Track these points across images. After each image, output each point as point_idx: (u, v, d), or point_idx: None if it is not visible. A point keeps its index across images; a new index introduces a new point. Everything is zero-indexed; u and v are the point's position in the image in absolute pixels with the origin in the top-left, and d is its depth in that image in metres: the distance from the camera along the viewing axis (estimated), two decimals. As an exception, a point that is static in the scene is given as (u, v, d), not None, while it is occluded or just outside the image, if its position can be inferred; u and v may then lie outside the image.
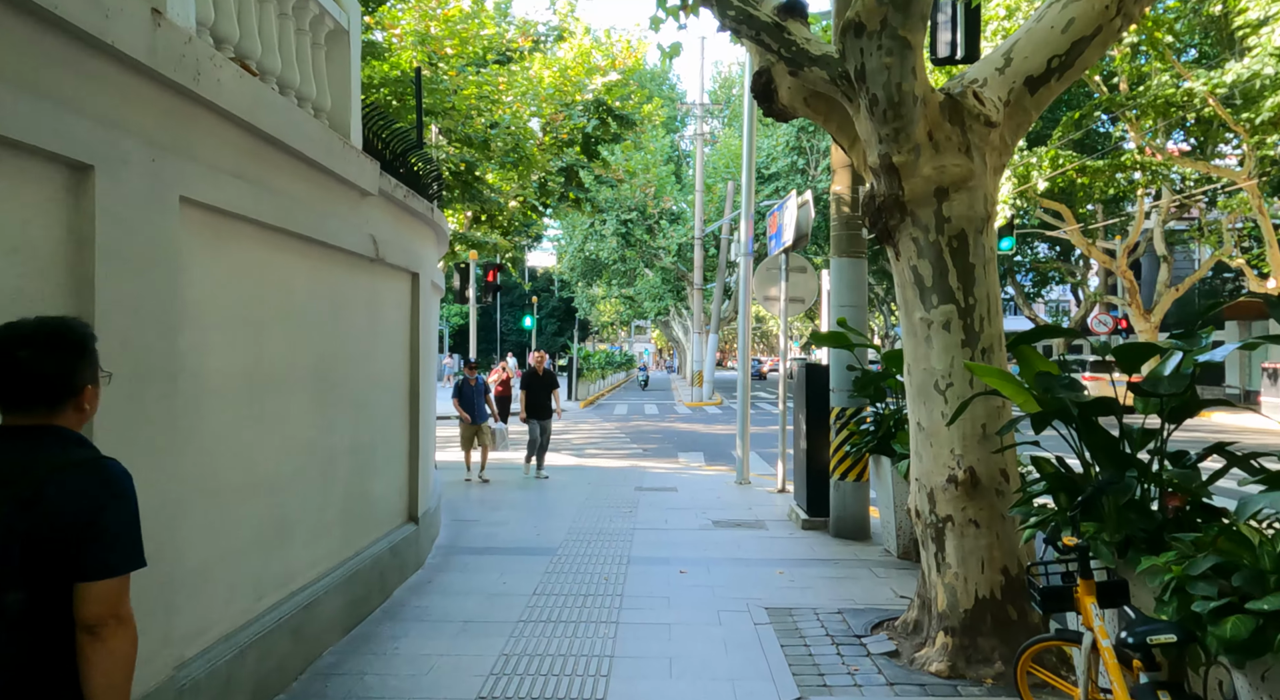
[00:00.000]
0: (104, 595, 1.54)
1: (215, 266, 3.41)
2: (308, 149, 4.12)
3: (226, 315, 3.49)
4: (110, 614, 1.55)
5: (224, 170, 3.38)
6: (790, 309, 10.06)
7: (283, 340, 3.98)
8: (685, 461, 13.51)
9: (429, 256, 6.73)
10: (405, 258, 5.76)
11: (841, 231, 7.40)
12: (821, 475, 7.72)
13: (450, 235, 18.35)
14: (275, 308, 3.91)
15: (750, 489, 10.22)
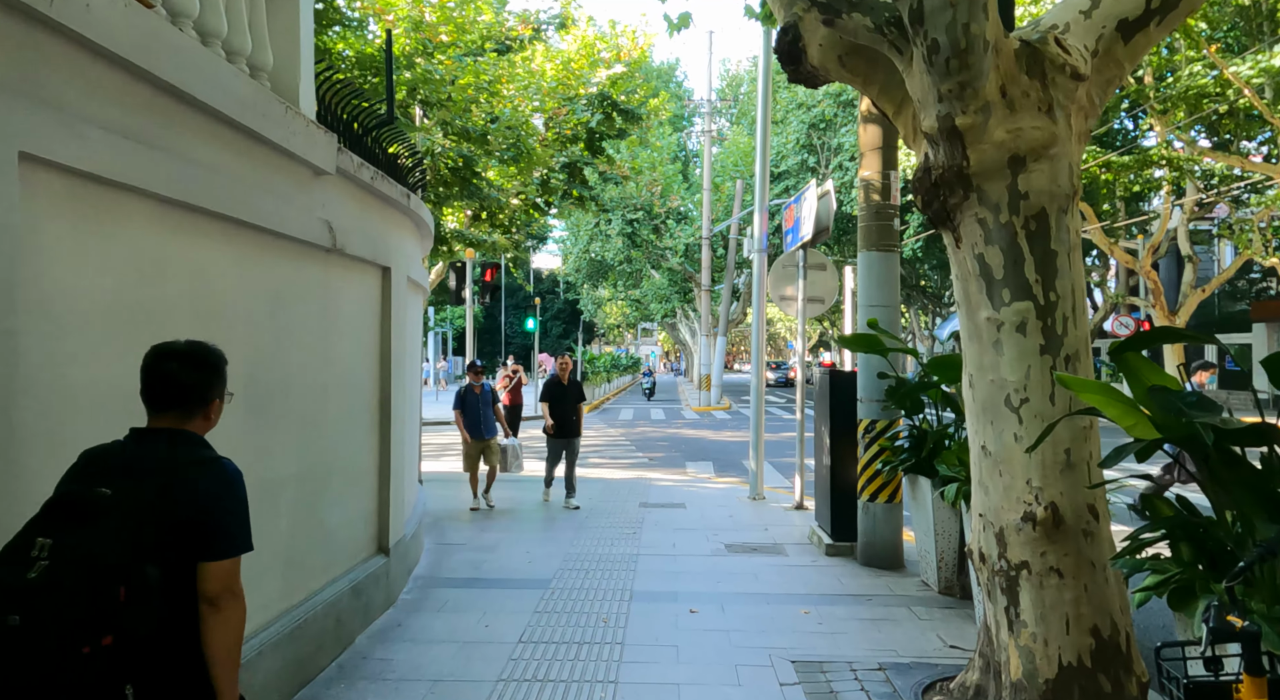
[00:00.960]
0: (222, 573, 1.83)
1: (88, 250, 2.63)
2: (234, 110, 3.34)
3: (106, 314, 2.71)
4: (226, 589, 1.84)
5: (98, 124, 2.61)
6: (809, 309, 9.26)
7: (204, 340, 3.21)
8: (693, 472, 12.70)
9: (406, 250, 5.95)
10: (373, 249, 4.98)
11: (871, 222, 6.60)
12: (847, 495, 6.91)
13: (448, 234, 17.65)
14: (183, 304, 3.13)
15: (765, 505, 9.40)
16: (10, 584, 1.62)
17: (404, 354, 5.81)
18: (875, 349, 5.88)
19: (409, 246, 6.07)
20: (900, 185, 6.71)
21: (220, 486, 1.89)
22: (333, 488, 4.54)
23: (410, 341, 6.60)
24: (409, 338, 6.45)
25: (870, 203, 6.60)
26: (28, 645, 1.58)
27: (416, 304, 7.00)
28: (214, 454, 1.96)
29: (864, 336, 5.90)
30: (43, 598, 1.61)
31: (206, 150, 3.28)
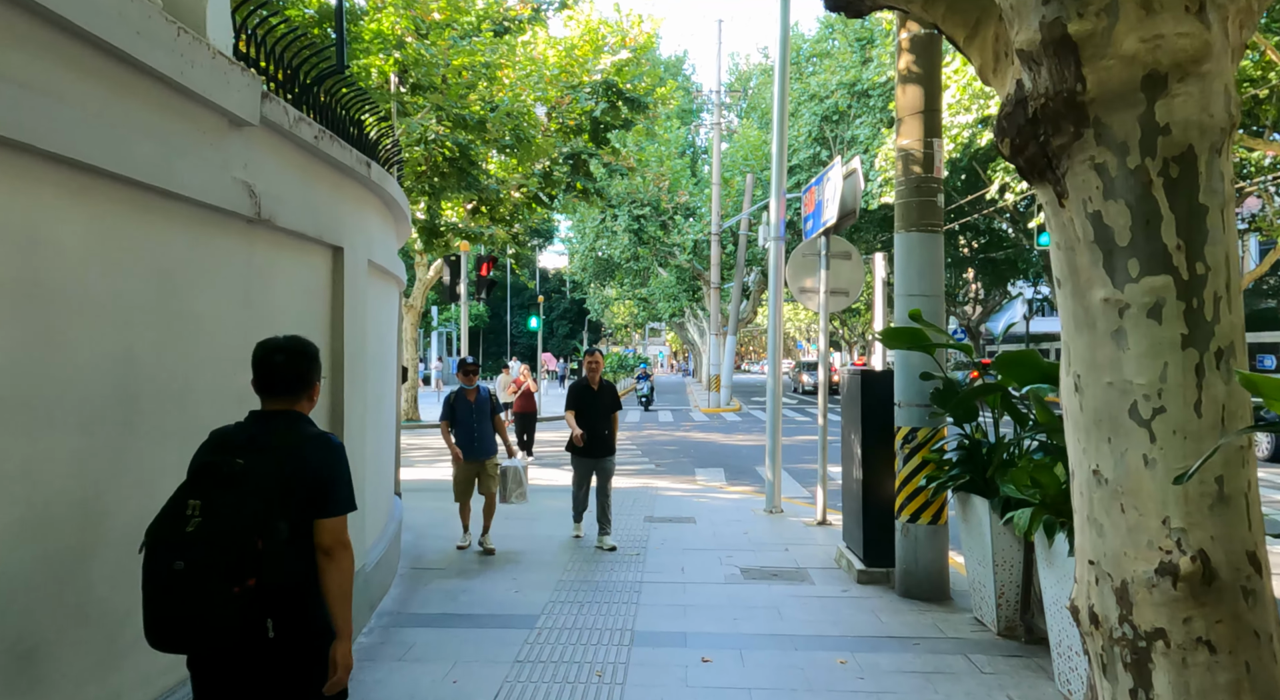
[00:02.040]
0: (334, 528, 2.23)
1: None
2: (89, 21, 2.48)
3: None
4: (338, 541, 2.24)
5: None
6: (832, 303, 8.36)
7: (26, 335, 2.34)
8: (703, 480, 11.81)
9: (368, 229, 5.08)
10: (317, 223, 4.12)
11: (911, 198, 5.69)
12: (882, 514, 6.01)
13: (444, 227, 16.82)
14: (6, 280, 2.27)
15: (783, 520, 8.50)
16: (173, 536, 2.01)
17: (366, 351, 4.94)
18: (919, 345, 4.98)
19: (372, 226, 5.20)
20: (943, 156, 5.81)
21: (330, 457, 2.27)
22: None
23: (379, 337, 5.74)
24: (377, 333, 5.60)
25: (909, 176, 5.70)
26: (191, 585, 1.96)
27: (387, 295, 6.13)
28: (320, 430, 2.34)
29: (906, 331, 5.00)
30: (199, 547, 1.98)
31: (45, 70, 2.41)
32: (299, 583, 2.19)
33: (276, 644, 2.14)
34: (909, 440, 5.62)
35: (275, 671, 2.18)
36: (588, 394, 7.31)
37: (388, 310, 6.18)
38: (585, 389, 7.34)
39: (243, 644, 2.06)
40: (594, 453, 7.20)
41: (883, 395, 5.99)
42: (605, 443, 7.24)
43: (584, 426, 7.16)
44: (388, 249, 5.82)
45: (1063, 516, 3.84)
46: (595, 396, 7.27)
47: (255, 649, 2.12)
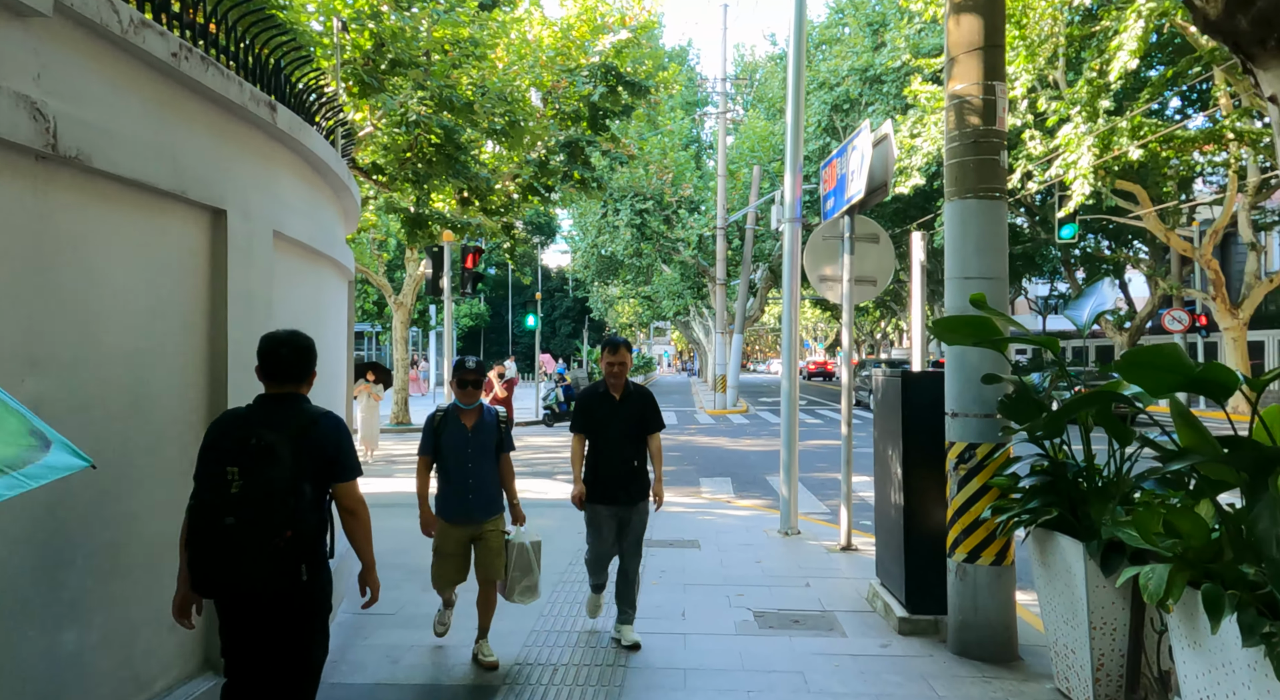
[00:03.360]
0: (351, 490, 2.73)
1: None
2: None
3: None
4: (358, 500, 2.74)
5: None
6: (857, 293, 7.22)
7: None
8: (709, 493, 10.68)
9: (275, 193, 3.96)
10: (178, 174, 3.01)
11: (967, 157, 4.56)
12: (929, 548, 4.88)
13: (428, 216, 15.71)
14: None
15: (800, 543, 7.37)
16: (219, 499, 2.44)
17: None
18: (989, 339, 3.84)
19: (285, 191, 4.08)
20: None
21: (337, 432, 2.72)
22: (95, 577, 2.57)
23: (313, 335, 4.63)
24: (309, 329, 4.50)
25: (965, 129, 4.56)
26: (241, 537, 2.41)
27: (323, 283, 5.01)
28: (324, 409, 2.77)
29: (968, 321, 3.86)
30: (245, 506, 2.43)
31: None
32: (318, 535, 2.61)
33: (307, 584, 2.55)
34: (965, 459, 4.49)
35: (301, 607, 2.58)
36: (605, 406, 4.73)
37: (326, 302, 5.07)
38: (602, 399, 4.75)
39: (283, 585, 2.48)
40: (616, 497, 4.67)
41: (930, 403, 4.86)
42: (635, 481, 4.70)
43: (603, 457, 4.68)
44: (317, 225, 4.71)
45: (1210, 578, 2.72)
46: (616, 410, 4.72)
47: (291, 589, 2.51)
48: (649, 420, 4.76)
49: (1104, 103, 16.08)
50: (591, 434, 4.74)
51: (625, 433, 4.70)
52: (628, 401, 4.75)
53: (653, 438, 4.78)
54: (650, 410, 4.77)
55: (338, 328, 5.56)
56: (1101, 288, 4.44)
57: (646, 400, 4.81)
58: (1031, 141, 19.96)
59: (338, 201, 5.57)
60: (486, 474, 4.37)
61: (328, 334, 4.99)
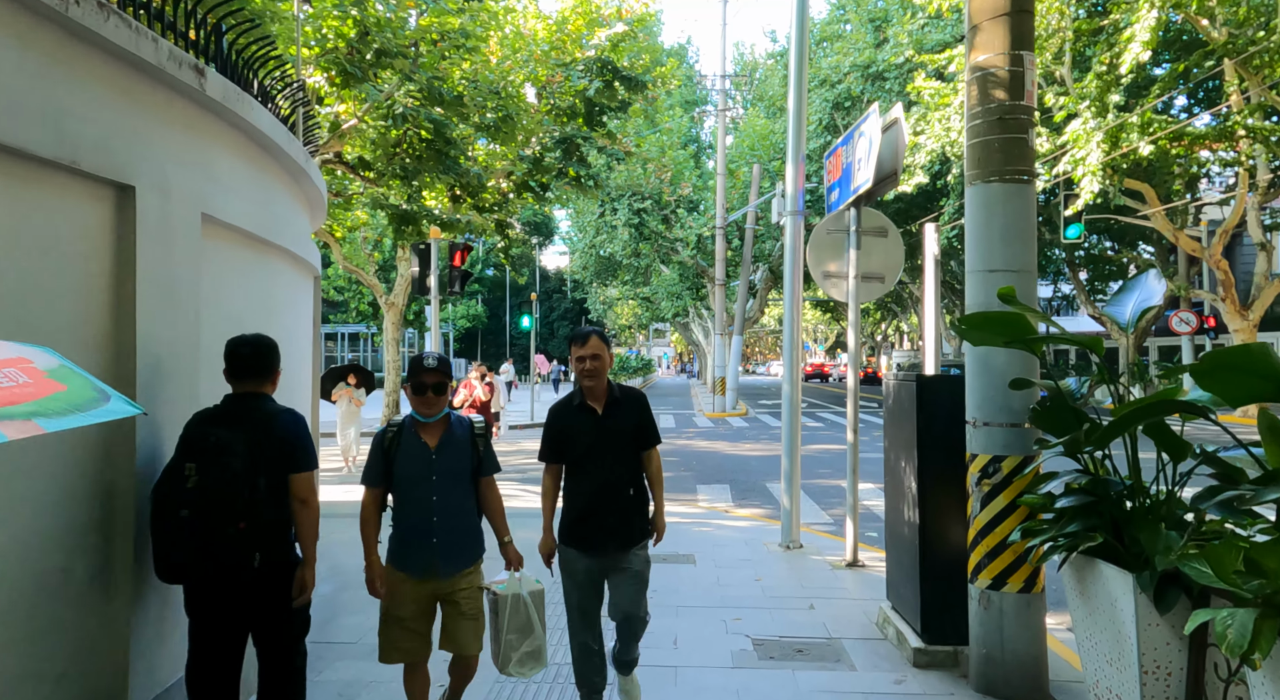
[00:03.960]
0: (305, 481, 2.89)
1: None
2: None
3: None
4: (311, 491, 2.90)
5: None
6: (864, 291, 6.74)
7: None
8: (706, 501, 10.19)
9: (207, 169, 3.47)
10: (67, 139, 2.52)
11: (992, 136, 4.07)
12: (947, 571, 4.40)
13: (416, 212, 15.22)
14: None
15: (803, 559, 6.88)
16: (176, 492, 2.68)
17: (199, 351, 3.35)
18: (1022, 337, 3.36)
19: (219, 169, 3.59)
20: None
21: (295, 427, 2.90)
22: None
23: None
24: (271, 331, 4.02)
25: (989, 104, 4.08)
26: (195, 529, 2.66)
27: (276, 278, 4.52)
28: (283, 406, 2.98)
29: (1000, 319, 3.38)
30: (200, 499, 2.66)
31: None
32: (276, 526, 2.84)
33: (260, 572, 2.79)
34: (989, 474, 4.01)
35: (257, 592, 2.83)
36: (583, 423, 3.52)
37: (281, 299, 4.58)
38: (578, 414, 3.54)
39: (236, 572, 2.74)
40: (604, 545, 3.49)
41: (948, 410, 4.38)
42: (631, 519, 3.53)
43: (588, 492, 3.48)
44: (267, 212, 4.22)
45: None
46: (599, 426, 3.51)
47: (244, 576, 2.76)
48: (644, 433, 3.56)
49: (1114, 97, 15.60)
50: (568, 462, 3.52)
51: (614, 455, 3.48)
52: (614, 412, 3.51)
53: (650, 455, 3.59)
54: (644, 419, 3.58)
55: (298, 326, 5.08)
56: (1147, 281, 3.82)
57: (638, 407, 3.60)
58: (1038, 138, 19.50)
59: (298, 190, 5.09)
60: (458, 508, 3.23)
61: (281, 333, 4.50)
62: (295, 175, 4.81)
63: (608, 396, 3.55)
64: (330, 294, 38.76)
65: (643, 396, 3.69)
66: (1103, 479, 3.42)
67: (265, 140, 4.01)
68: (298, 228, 5.03)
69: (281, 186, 4.58)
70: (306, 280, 5.46)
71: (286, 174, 4.68)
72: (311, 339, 5.68)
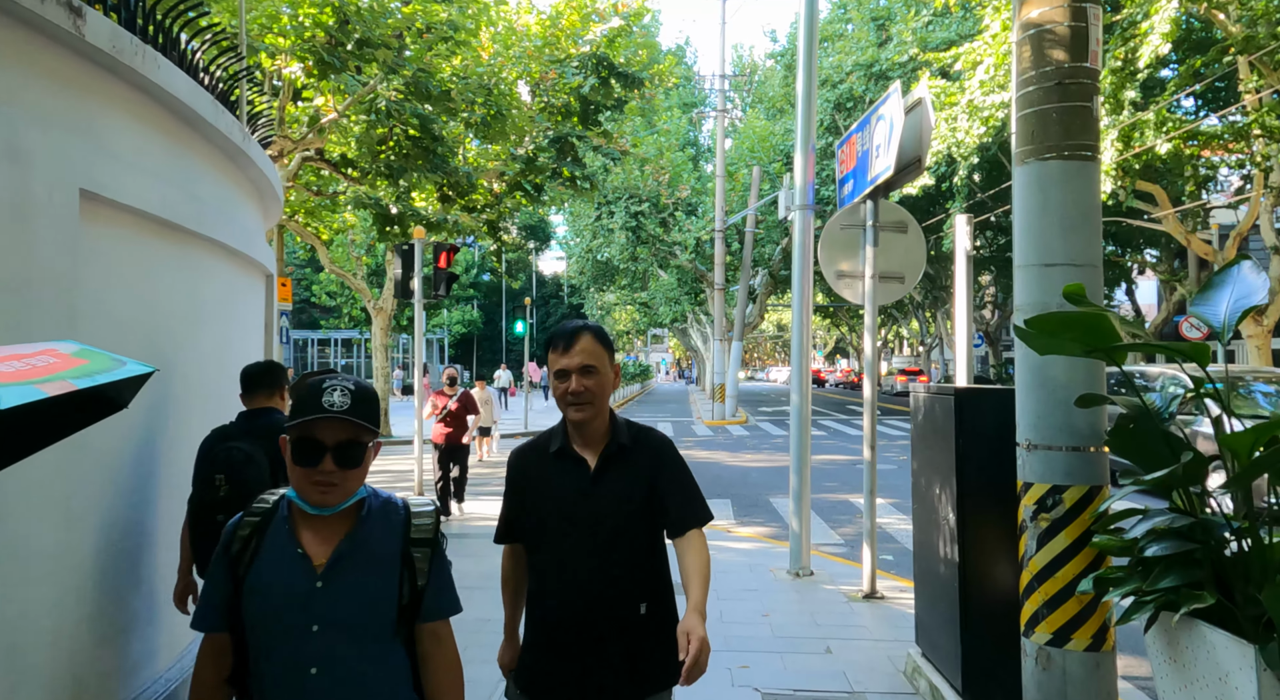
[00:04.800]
0: None
1: None
2: None
3: None
4: None
5: None
6: (882, 292, 6.10)
7: None
8: (707, 518, 9.52)
9: (96, 138, 2.83)
10: None
11: (1048, 104, 3.43)
12: (995, 618, 3.74)
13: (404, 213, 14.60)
14: None
15: (815, 588, 6.22)
16: (212, 499, 3.01)
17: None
18: (1107, 345, 2.71)
19: (115, 139, 2.94)
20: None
21: None
22: None
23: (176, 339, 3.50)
24: (198, 336, 3.37)
25: (1045, 67, 3.44)
26: None
27: (216, 279, 3.87)
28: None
29: (1076, 321, 2.73)
30: (231, 506, 2.68)
31: None
32: None
33: None
34: (1047, 506, 3.35)
35: None
36: (563, 482, 2.16)
37: (212, 299, 3.93)
38: (555, 466, 2.19)
39: None
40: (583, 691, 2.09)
41: (994, 430, 3.73)
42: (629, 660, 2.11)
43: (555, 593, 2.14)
44: (190, 198, 3.56)
45: None
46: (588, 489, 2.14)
47: None
48: (675, 504, 2.14)
49: (1129, 93, 15.00)
50: (534, 547, 2.19)
51: (615, 541, 2.10)
52: (618, 467, 2.14)
53: (690, 543, 2.10)
54: (675, 481, 2.17)
55: (243, 334, 4.43)
56: (1240, 273, 3.11)
57: (661, 460, 2.18)
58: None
59: (240, 176, 4.44)
60: (357, 685, 1.72)
61: (214, 340, 3.85)
62: (234, 158, 4.16)
63: (609, 440, 2.14)
64: (322, 299, 38.11)
65: (668, 444, 2.22)
66: (1208, 522, 2.76)
67: (184, 110, 3.36)
68: (239, 220, 4.38)
69: (213, 169, 3.94)
70: (254, 281, 4.81)
71: (222, 155, 4.03)
72: (264, 346, 5.03)
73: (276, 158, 11.54)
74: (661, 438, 2.24)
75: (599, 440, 2.15)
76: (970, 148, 19.89)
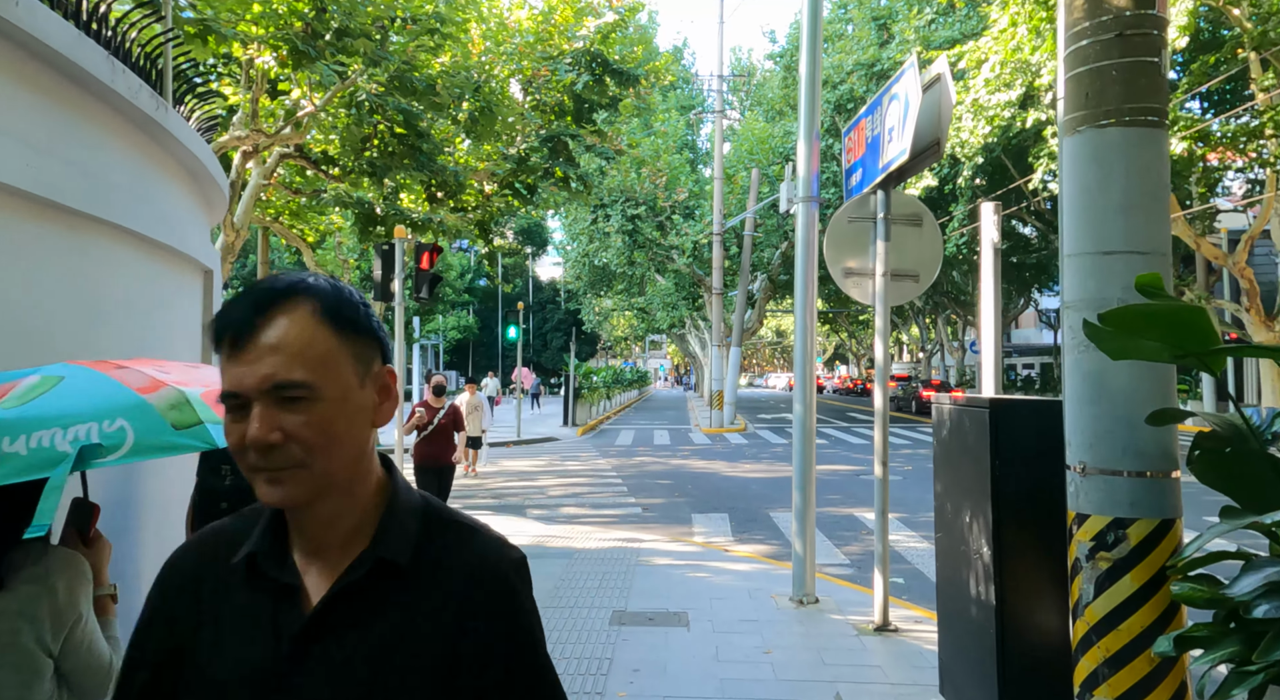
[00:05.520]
0: None
1: None
2: None
3: None
4: None
5: None
6: (895, 292, 5.53)
7: None
8: (703, 534, 8.95)
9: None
10: None
11: (1106, 59, 2.86)
12: (1041, 673, 3.16)
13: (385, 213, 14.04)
14: None
15: (820, 618, 5.63)
16: (218, 486, 3.31)
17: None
18: (1197, 349, 2.14)
19: None
20: None
21: None
22: None
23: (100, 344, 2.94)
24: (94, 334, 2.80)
25: (1101, 16, 2.87)
26: None
27: (121, 271, 3.29)
28: None
29: (1165, 316, 2.16)
30: (235, 494, 3.14)
31: None
32: None
33: None
34: (1108, 543, 2.77)
35: None
36: (239, 640, 0.95)
37: (115, 301, 3.35)
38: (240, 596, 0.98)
39: None
40: None
41: (1037, 450, 3.16)
42: None
43: None
44: (86, 176, 2.99)
45: None
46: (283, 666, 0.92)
47: None
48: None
49: (1143, 90, 14.46)
50: None
51: None
52: (366, 615, 0.95)
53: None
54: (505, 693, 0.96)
55: (159, 333, 3.85)
56: None
57: (489, 624, 0.96)
58: (1054, 139, 18.39)
59: (165, 157, 3.87)
60: None
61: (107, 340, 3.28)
62: (150, 132, 3.58)
63: (366, 548, 0.98)
64: (316, 304, 37.37)
65: (507, 579, 1.00)
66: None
67: (67, 66, 2.79)
68: (159, 206, 3.80)
69: (119, 143, 3.36)
70: (186, 278, 4.23)
71: (132, 127, 3.46)
72: (200, 351, 4.46)
73: (252, 153, 10.98)
74: (497, 559, 1.01)
75: (338, 546, 0.98)
76: (975, 148, 19.38)
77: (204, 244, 4.56)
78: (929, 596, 6.61)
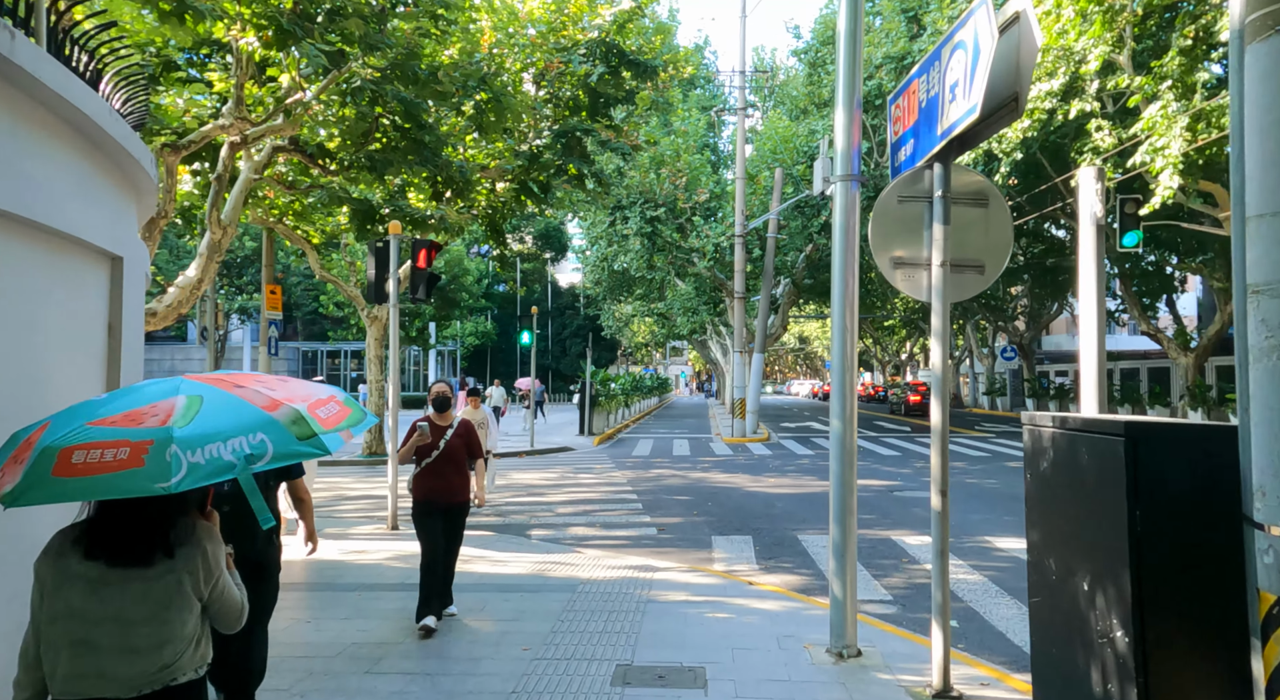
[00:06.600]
0: (302, 485, 4.34)
1: None
2: None
3: None
4: (307, 492, 4.41)
5: None
6: (955, 286, 4.59)
7: None
8: (723, 561, 8.01)
9: None
10: None
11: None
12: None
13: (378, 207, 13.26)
14: None
15: (865, 677, 4.68)
16: (219, 492, 3.31)
17: None
18: None
19: None
20: None
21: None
22: None
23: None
24: None
25: None
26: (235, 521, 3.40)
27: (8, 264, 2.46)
28: None
29: None
30: (234, 499, 3.32)
31: None
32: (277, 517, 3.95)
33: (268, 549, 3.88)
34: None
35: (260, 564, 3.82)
36: None
37: None
38: None
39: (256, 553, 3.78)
40: None
41: (1199, 496, 2.21)
42: None
43: None
44: None
45: None
46: None
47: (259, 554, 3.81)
48: None
49: (1201, 75, 13.38)
50: None
51: None
52: None
53: None
54: None
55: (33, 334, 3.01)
56: None
57: None
58: (1099, 132, 17.29)
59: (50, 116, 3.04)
60: None
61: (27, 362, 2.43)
62: (12, 78, 2.75)
63: None
64: (330, 309, 36.93)
65: None
66: None
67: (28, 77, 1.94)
68: (32, 175, 2.97)
69: None
70: (79, 265, 3.40)
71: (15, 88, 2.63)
72: (105, 353, 3.63)
73: (240, 144, 10.22)
74: None
75: None
76: (1014, 143, 18.32)
77: (113, 227, 3.72)
78: (989, 644, 5.63)
